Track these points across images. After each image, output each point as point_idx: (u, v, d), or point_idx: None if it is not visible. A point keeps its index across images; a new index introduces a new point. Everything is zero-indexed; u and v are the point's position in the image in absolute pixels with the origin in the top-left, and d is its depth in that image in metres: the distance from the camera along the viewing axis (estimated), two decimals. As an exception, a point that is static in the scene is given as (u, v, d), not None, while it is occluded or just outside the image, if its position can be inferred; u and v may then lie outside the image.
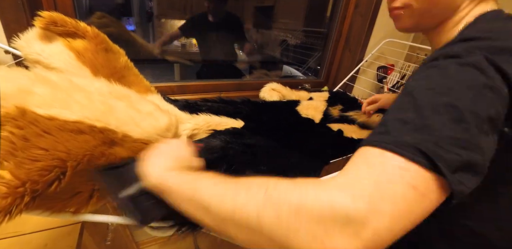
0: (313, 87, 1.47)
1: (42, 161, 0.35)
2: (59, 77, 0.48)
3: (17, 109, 0.37)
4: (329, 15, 1.50)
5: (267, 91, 1.15)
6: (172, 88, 1.12)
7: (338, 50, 1.48)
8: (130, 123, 0.48)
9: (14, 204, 0.32)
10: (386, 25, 1.43)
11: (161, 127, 0.53)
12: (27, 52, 0.63)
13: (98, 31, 0.69)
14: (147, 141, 0.50)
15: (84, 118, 0.42)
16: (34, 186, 0.33)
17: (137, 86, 0.74)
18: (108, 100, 0.49)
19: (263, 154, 0.65)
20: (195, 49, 2.08)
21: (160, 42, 1.53)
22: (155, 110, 0.56)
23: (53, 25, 0.61)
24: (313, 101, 1.17)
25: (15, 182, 0.33)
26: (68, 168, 0.36)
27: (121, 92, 0.56)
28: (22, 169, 0.34)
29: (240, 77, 1.69)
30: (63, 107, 0.41)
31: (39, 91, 0.41)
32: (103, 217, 0.46)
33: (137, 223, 0.38)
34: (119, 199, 0.38)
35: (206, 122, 0.72)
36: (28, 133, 0.36)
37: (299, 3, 1.73)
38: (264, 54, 1.85)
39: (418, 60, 1.57)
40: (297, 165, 0.66)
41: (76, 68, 0.64)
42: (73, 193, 0.42)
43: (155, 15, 1.54)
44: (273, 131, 0.84)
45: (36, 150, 0.35)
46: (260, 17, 1.75)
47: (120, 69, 0.72)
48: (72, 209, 0.43)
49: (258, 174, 0.48)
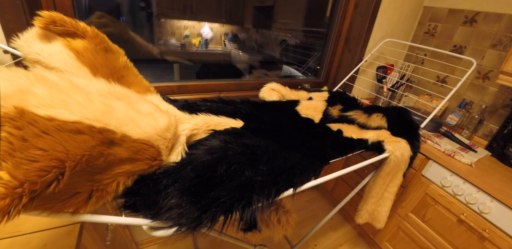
0: (313, 87, 1.47)
1: (40, 162, 0.35)
2: (59, 77, 0.48)
3: (15, 110, 0.37)
4: (328, 15, 1.49)
5: (267, 91, 1.15)
6: (172, 88, 1.12)
7: (338, 50, 1.47)
8: (129, 124, 0.48)
9: (12, 205, 0.32)
10: (386, 25, 1.43)
11: (160, 127, 0.53)
12: (27, 52, 0.63)
13: (98, 31, 0.69)
14: (147, 141, 0.50)
15: (83, 118, 0.41)
16: (32, 186, 0.33)
17: (136, 86, 0.74)
18: (107, 100, 0.49)
19: (262, 154, 0.64)
20: (194, 49, 2.07)
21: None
22: (155, 110, 0.56)
23: (52, 24, 0.61)
24: (313, 101, 1.17)
25: (13, 182, 0.32)
26: (66, 169, 0.36)
27: (121, 92, 0.56)
28: (20, 170, 0.33)
29: (239, 77, 1.69)
30: (62, 107, 0.41)
31: (38, 91, 0.41)
32: (102, 218, 0.46)
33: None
34: None
35: (206, 122, 0.72)
36: (26, 134, 0.36)
37: (299, 3, 1.73)
38: (264, 54, 1.85)
39: (418, 60, 1.57)
40: (297, 165, 0.65)
41: (75, 68, 0.64)
42: (72, 193, 0.42)
43: (155, 15, 1.54)
44: (272, 131, 0.84)
45: (35, 151, 0.35)
46: (260, 17, 1.74)
47: (119, 69, 0.71)
48: (71, 209, 0.42)
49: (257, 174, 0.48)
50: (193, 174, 0.54)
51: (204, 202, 0.49)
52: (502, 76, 1.02)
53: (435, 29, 1.47)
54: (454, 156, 1.04)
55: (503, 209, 0.87)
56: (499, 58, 1.22)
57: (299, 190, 0.62)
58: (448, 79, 1.43)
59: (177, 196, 0.49)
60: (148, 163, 0.51)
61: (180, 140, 0.61)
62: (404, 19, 1.48)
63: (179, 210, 0.47)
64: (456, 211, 1.01)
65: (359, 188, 0.98)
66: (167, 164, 0.55)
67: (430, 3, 1.48)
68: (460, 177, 0.99)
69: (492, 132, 1.25)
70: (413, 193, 1.17)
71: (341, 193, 1.69)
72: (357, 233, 1.60)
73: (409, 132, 0.95)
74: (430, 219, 1.12)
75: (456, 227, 1.02)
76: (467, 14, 1.33)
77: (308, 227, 1.63)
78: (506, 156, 1.08)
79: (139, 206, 0.48)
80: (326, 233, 1.60)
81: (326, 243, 1.52)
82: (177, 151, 0.59)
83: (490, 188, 0.89)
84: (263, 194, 0.55)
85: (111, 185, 0.45)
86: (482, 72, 1.29)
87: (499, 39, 1.22)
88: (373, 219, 1.04)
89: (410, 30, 1.57)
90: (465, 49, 1.35)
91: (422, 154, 1.11)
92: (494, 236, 0.89)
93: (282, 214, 0.86)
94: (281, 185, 0.59)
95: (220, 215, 0.50)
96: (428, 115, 1.05)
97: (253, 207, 0.53)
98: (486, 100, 1.28)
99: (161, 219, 0.46)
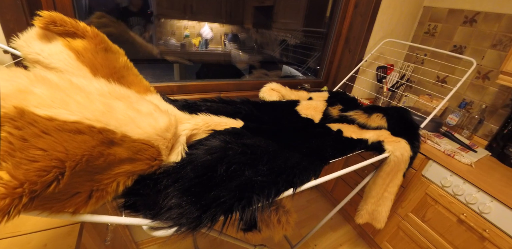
0: (313, 87, 1.47)
1: (40, 162, 0.35)
2: (59, 77, 0.48)
3: (15, 110, 0.37)
4: (328, 15, 1.50)
5: (267, 91, 1.15)
6: (172, 88, 1.12)
7: (338, 50, 1.47)
8: (129, 124, 0.48)
9: (12, 205, 0.32)
10: (386, 25, 1.43)
11: (160, 127, 0.53)
12: (27, 52, 0.63)
13: (98, 31, 0.69)
14: (147, 142, 0.50)
15: (83, 118, 0.41)
16: (32, 186, 0.33)
17: (136, 86, 0.74)
18: (107, 100, 0.49)
19: (262, 154, 0.64)
20: (194, 49, 2.07)
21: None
22: (155, 110, 0.56)
23: (52, 24, 0.61)
24: (313, 101, 1.17)
25: (13, 182, 0.32)
26: (66, 169, 0.36)
27: (121, 92, 0.56)
28: (20, 170, 0.33)
29: (239, 77, 1.68)
30: (62, 107, 0.41)
31: (38, 91, 0.41)
32: (102, 218, 0.46)
33: None
34: None
35: (206, 122, 0.72)
36: (26, 134, 0.36)
37: (299, 3, 1.73)
38: (264, 54, 1.85)
39: (418, 60, 1.57)
40: (297, 165, 0.65)
41: (75, 68, 0.64)
42: (72, 193, 0.42)
43: (155, 15, 1.54)
44: (272, 131, 0.84)
45: (35, 151, 0.35)
46: (260, 17, 1.74)
47: (119, 69, 0.71)
48: (71, 209, 0.42)
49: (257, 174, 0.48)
50: (193, 174, 0.54)
51: (204, 202, 0.49)
52: (502, 76, 1.02)
53: (435, 29, 1.47)
54: (454, 156, 1.04)
55: (503, 209, 0.87)
56: (499, 58, 1.22)
57: (299, 190, 0.62)
58: (448, 79, 1.43)
59: (177, 196, 0.49)
60: (148, 163, 0.51)
61: (180, 140, 0.61)
62: (404, 19, 1.48)
63: (179, 210, 0.47)
64: (456, 211, 1.01)
65: (359, 188, 0.98)
66: (167, 164, 0.55)
67: (430, 3, 1.48)
68: (460, 177, 0.99)
69: (492, 132, 1.25)
70: (413, 193, 1.17)
71: (341, 193, 1.69)
72: (357, 233, 1.60)
73: (409, 132, 0.95)
74: (430, 219, 1.12)
75: (456, 227, 1.02)
76: (467, 14, 1.33)
77: (308, 227, 1.63)
78: (506, 156, 1.08)
79: (139, 206, 0.48)
80: (326, 233, 1.60)
81: (326, 243, 1.52)
82: (177, 151, 0.59)
83: (490, 188, 0.89)
84: (263, 194, 0.55)
85: (111, 185, 0.45)
86: (482, 72, 1.29)
87: (499, 39, 1.22)
88: (373, 219, 1.04)
89: (410, 30, 1.57)
90: (465, 49, 1.35)
91: (422, 154, 1.11)
92: (494, 236, 0.89)
93: (282, 214, 0.86)
94: (281, 185, 0.59)
95: (220, 215, 0.50)
96: (428, 115, 1.05)
97: (253, 207, 0.53)
98: (486, 100, 1.28)
99: (161, 219, 0.46)
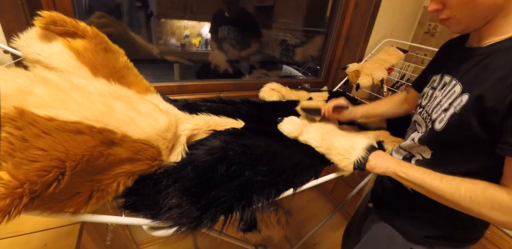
0: (313, 87, 1.47)
1: (40, 162, 0.35)
2: (59, 77, 0.48)
3: (16, 110, 0.37)
4: (328, 15, 1.50)
5: (267, 91, 1.15)
6: (172, 88, 1.12)
7: (338, 50, 1.47)
8: (129, 124, 0.48)
9: (13, 205, 0.32)
10: (386, 25, 1.43)
11: (160, 128, 0.53)
12: (27, 52, 0.63)
13: (98, 31, 0.69)
14: (147, 142, 0.50)
15: (83, 118, 0.41)
16: (32, 186, 0.33)
17: (136, 86, 0.74)
18: (107, 100, 0.49)
19: (263, 155, 0.64)
20: (194, 49, 2.07)
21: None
22: (155, 111, 0.56)
23: (52, 24, 0.61)
24: (313, 101, 1.17)
25: (13, 183, 0.32)
26: (67, 169, 0.36)
27: (121, 92, 0.56)
28: (21, 170, 0.33)
29: (239, 77, 1.68)
30: (62, 107, 0.41)
31: (38, 91, 0.41)
32: (102, 218, 0.46)
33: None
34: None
35: (206, 122, 0.72)
36: (26, 134, 0.36)
37: (299, 3, 1.73)
38: (264, 54, 1.85)
39: (418, 60, 1.57)
40: (297, 165, 0.65)
41: (75, 68, 0.64)
42: (72, 193, 0.42)
43: (155, 15, 1.54)
44: (273, 131, 0.84)
45: (35, 151, 0.35)
46: (260, 17, 1.74)
47: (119, 69, 0.71)
48: (71, 209, 0.42)
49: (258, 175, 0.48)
50: (193, 174, 0.54)
51: (204, 202, 0.49)
52: (502, 76, 1.02)
53: (435, 29, 1.47)
54: (454, 156, 1.04)
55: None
56: (499, 58, 1.22)
57: (299, 190, 0.62)
58: (448, 79, 1.43)
59: (177, 196, 0.49)
60: (148, 163, 0.51)
61: (181, 140, 0.61)
62: (404, 19, 1.49)
63: (179, 210, 0.47)
64: (456, 211, 1.01)
65: (359, 188, 0.98)
66: (167, 164, 0.56)
67: (430, 3, 1.48)
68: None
69: (492, 132, 1.25)
70: (413, 193, 1.17)
71: (341, 193, 1.69)
72: (357, 233, 1.60)
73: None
74: (430, 219, 1.12)
75: (456, 227, 1.02)
76: (467, 14, 1.33)
77: (308, 227, 1.63)
78: (506, 156, 1.07)
79: (139, 206, 0.48)
80: (326, 233, 1.60)
81: (326, 243, 1.52)
82: (178, 151, 0.59)
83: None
84: (263, 194, 0.55)
85: (111, 185, 0.45)
86: (482, 72, 1.29)
87: (499, 39, 1.21)
88: (373, 219, 1.04)
89: (410, 30, 1.57)
90: (465, 49, 1.35)
91: (422, 154, 1.10)
92: (494, 236, 0.89)
93: (282, 215, 0.86)
94: (281, 185, 0.59)
95: (220, 215, 0.50)
96: (428, 115, 1.05)
97: (253, 207, 0.53)
98: (486, 100, 1.28)
99: (161, 219, 0.46)
